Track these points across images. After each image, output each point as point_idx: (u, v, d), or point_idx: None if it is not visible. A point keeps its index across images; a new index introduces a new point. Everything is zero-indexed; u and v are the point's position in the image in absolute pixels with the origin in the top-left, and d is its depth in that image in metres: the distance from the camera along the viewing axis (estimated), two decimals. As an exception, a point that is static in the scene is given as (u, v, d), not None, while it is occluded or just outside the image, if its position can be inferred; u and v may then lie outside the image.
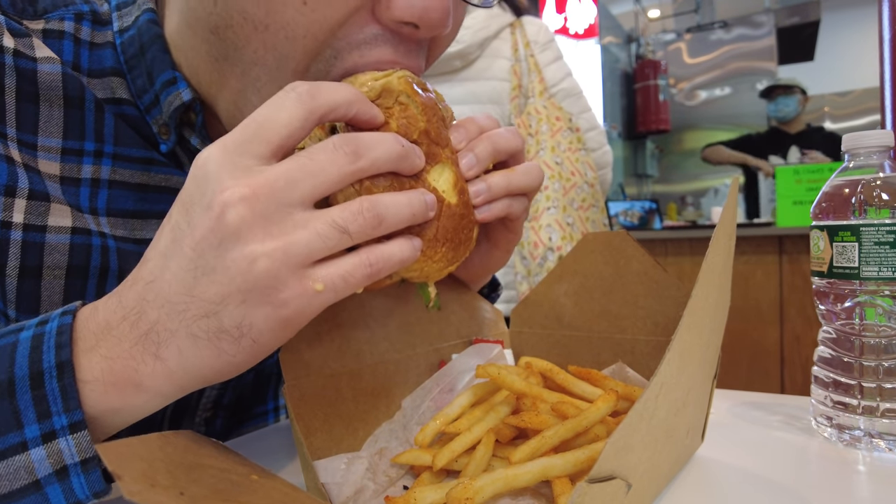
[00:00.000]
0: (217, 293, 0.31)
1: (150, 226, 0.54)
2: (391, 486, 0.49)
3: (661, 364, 0.34)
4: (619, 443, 0.31)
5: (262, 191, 0.31)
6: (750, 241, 2.62)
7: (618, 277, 0.59)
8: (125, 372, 0.33)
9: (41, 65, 0.48)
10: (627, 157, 4.90)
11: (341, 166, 0.33)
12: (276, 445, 0.61)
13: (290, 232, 0.31)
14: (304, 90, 0.34)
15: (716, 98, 4.73)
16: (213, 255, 0.31)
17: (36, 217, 0.46)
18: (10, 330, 0.35)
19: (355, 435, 0.50)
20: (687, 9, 5.02)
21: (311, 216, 0.32)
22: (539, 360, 0.56)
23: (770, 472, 0.49)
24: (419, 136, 0.40)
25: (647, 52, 4.92)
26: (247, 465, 0.34)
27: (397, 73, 0.40)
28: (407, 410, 0.55)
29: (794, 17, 4.71)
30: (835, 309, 0.57)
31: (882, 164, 0.55)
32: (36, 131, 0.48)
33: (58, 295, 0.48)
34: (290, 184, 0.32)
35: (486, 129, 0.47)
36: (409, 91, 0.40)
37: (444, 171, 0.42)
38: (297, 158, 0.33)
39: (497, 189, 0.46)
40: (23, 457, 0.31)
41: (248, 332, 0.32)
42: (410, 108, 0.40)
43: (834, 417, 0.56)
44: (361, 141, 0.34)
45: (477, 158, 0.45)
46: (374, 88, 0.39)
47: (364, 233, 0.34)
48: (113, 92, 0.52)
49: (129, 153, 0.52)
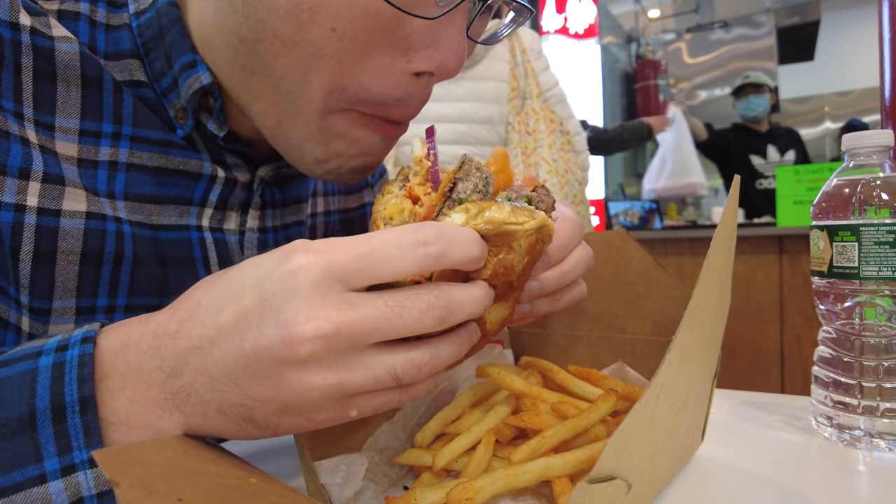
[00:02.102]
0: (260, 395, 0.32)
1: (167, 211, 0.53)
2: (391, 486, 0.49)
3: (662, 364, 0.34)
4: (620, 443, 0.31)
5: (344, 331, 0.30)
6: (750, 241, 2.62)
7: (618, 277, 0.59)
8: (149, 419, 0.33)
9: (59, 44, 0.47)
10: (627, 157, 4.89)
11: (424, 326, 0.32)
12: (276, 446, 0.61)
13: (353, 370, 0.32)
14: (432, 252, 0.32)
15: (716, 98, 4.73)
16: (271, 367, 0.31)
17: (50, 201, 0.45)
18: (26, 353, 0.34)
19: (355, 435, 0.49)
20: (687, 9, 5.02)
21: (376, 359, 0.32)
22: (539, 360, 0.56)
23: (770, 471, 0.49)
24: (502, 283, 0.37)
25: (647, 52, 4.92)
26: (245, 468, 0.34)
27: (528, 224, 0.36)
28: (407, 410, 0.55)
29: (794, 17, 4.71)
30: (835, 309, 0.56)
31: (882, 164, 0.55)
32: (53, 112, 0.47)
33: (72, 281, 0.47)
34: (372, 330, 0.31)
35: (567, 253, 0.48)
36: (525, 246, 0.37)
37: (500, 308, 0.41)
38: (391, 307, 0.31)
39: (537, 313, 0.48)
40: (41, 489, 0.31)
41: (274, 427, 0.34)
42: (514, 259, 0.37)
43: (834, 417, 0.55)
44: (453, 306, 0.33)
45: (540, 291, 0.46)
46: (497, 230, 0.35)
47: (413, 381, 0.34)
48: (131, 74, 0.52)
49: (148, 135, 0.52)
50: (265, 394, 0.31)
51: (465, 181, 0.37)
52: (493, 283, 0.37)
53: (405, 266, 0.31)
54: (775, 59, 4.50)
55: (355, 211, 0.78)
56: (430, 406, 0.57)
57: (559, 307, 0.49)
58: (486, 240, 0.35)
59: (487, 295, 0.35)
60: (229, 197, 0.57)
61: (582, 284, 0.51)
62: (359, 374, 0.32)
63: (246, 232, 0.59)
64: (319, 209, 0.71)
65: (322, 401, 0.32)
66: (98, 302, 0.49)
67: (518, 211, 0.36)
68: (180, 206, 0.54)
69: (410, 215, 0.38)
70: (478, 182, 0.37)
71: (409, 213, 0.38)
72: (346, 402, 0.33)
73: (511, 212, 0.35)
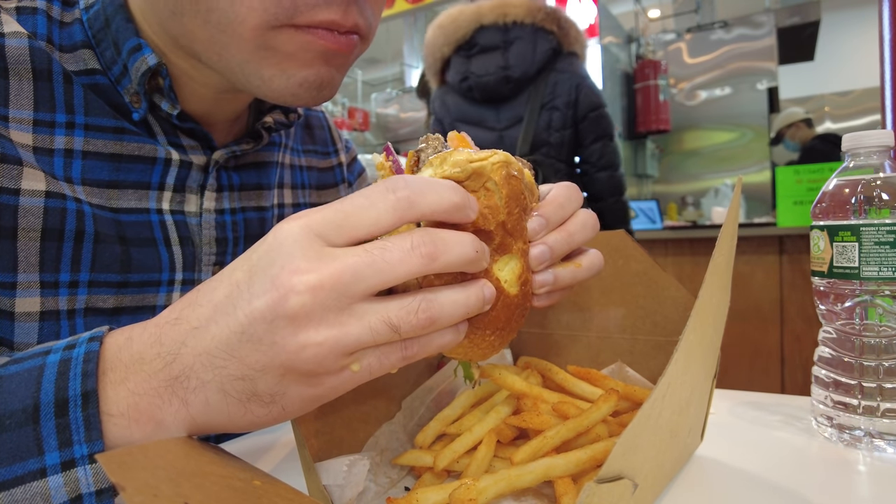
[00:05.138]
0: (259, 362, 0.32)
1: (126, 196, 0.55)
2: (392, 487, 0.49)
3: (669, 364, 0.34)
4: (629, 443, 0.31)
5: (328, 281, 0.31)
6: (750, 241, 2.62)
7: (616, 277, 0.59)
8: (150, 410, 0.33)
9: (8, 39, 0.49)
10: (627, 157, 4.89)
11: (412, 266, 0.32)
12: (276, 447, 0.61)
13: (345, 323, 0.31)
14: (403, 196, 0.32)
15: (716, 98, 4.72)
16: (265, 329, 0.31)
17: (9, 181, 0.47)
18: (37, 352, 0.35)
19: (356, 436, 0.50)
20: (687, 9, 5.01)
21: (368, 309, 0.32)
22: (538, 360, 0.56)
23: (770, 472, 0.49)
24: (496, 227, 0.38)
25: (647, 52, 4.92)
26: (248, 470, 0.34)
27: (493, 157, 0.38)
28: (407, 411, 0.55)
29: (794, 17, 4.71)
30: (835, 309, 0.57)
31: (882, 164, 0.55)
32: (7, 104, 0.49)
33: (34, 256, 0.49)
34: (357, 278, 0.31)
35: (567, 213, 0.45)
36: (498, 180, 0.38)
37: (511, 261, 0.40)
38: (371, 251, 0.32)
39: (563, 282, 0.45)
40: (41, 483, 0.31)
41: (279, 400, 0.33)
42: (494, 197, 0.38)
43: (834, 417, 0.56)
44: (440, 243, 0.33)
45: (550, 253, 0.43)
46: (465, 170, 0.36)
47: (414, 332, 0.33)
48: (85, 64, 0.54)
49: (101, 123, 0.54)
50: (263, 360, 0.31)
51: (425, 151, 0.39)
52: (484, 226, 0.37)
53: (379, 215, 0.32)
54: (775, 59, 4.50)
55: None
56: (431, 406, 0.57)
57: (582, 276, 0.46)
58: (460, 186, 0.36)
59: (473, 242, 0.35)
60: (186, 179, 0.59)
61: (596, 251, 0.48)
62: (353, 327, 0.31)
63: (203, 213, 0.61)
64: (287, 200, 0.73)
65: (320, 359, 0.31)
66: (60, 277, 0.51)
67: (479, 152, 0.38)
68: (139, 190, 0.56)
69: None
70: (437, 146, 0.39)
71: None
72: (346, 359, 0.32)
73: (471, 153, 0.37)
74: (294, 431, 0.42)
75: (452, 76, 2.09)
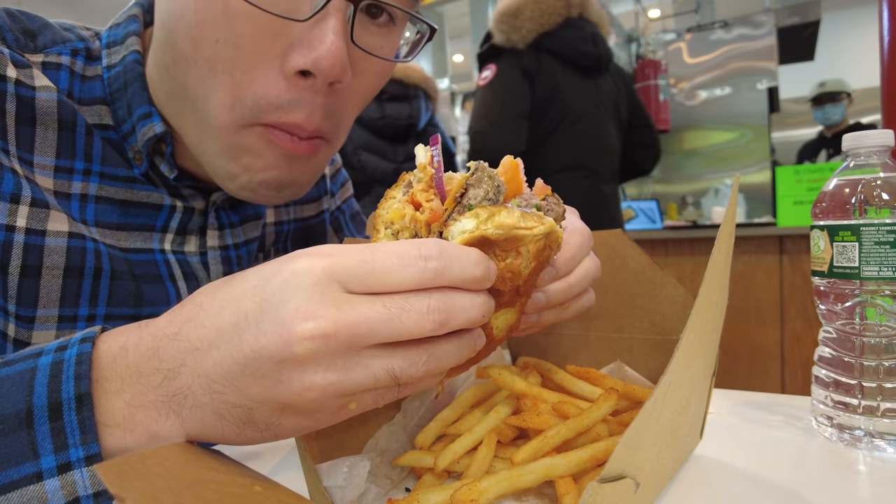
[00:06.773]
0: (259, 395, 0.32)
1: (133, 237, 0.60)
2: (393, 488, 0.49)
3: (670, 363, 0.34)
4: (631, 442, 0.31)
5: (343, 331, 0.30)
6: (750, 241, 2.62)
7: (614, 276, 0.59)
8: (146, 422, 0.33)
9: (39, 93, 0.54)
10: (628, 158, 4.88)
11: (423, 330, 0.32)
12: (276, 448, 0.61)
13: (351, 369, 0.32)
14: (433, 267, 0.32)
15: (716, 98, 4.72)
16: (270, 367, 0.31)
17: (37, 222, 0.51)
18: (28, 354, 0.35)
19: (356, 438, 0.50)
20: (687, 9, 5.01)
21: (374, 359, 0.32)
22: (537, 360, 0.56)
23: (770, 471, 0.49)
24: (509, 289, 0.37)
25: (647, 51, 4.91)
26: (248, 475, 0.34)
27: (538, 229, 0.36)
28: (407, 412, 0.55)
29: (794, 17, 4.71)
30: (835, 308, 0.57)
31: (882, 164, 0.55)
32: (32, 150, 0.53)
33: (55, 292, 0.53)
34: (370, 332, 0.31)
35: (574, 266, 0.47)
36: (533, 251, 0.37)
37: (507, 314, 0.40)
38: (389, 309, 0.31)
39: (544, 322, 0.48)
40: (37, 487, 0.31)
41: (273, 428, 0.33)
42: (521, 265, 0.37)
43: (834, 417, 0.56)
44: (452, 311, 0.33)
45: (546, 302, 0.46)
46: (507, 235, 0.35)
47: (412, 381, 0.34)
48: (101, 118, 0.59)
49: (115, 172, 0.58)
50: (264, 394, 0.31)
51: (476, 188, 0.37)
52: (500, 288, 0.36)
53: (405, 277, 0.32)
54: (775, 59, 4.49)
55: (314, 218, 0.82)
56: (430, 407, 0.57)
57: (567, 317, 0.49)
58: (494, 244, 0.35)
59: (488, 302, 0.35)
60: (188, 223, 0.64)
61: (590, 293, 0.51)
62: (357, 374, 0.32)
63: (208, 251, 0.65)
64: (269, 220, 0.75)
65: (322, 400, 0.32)
66: (80, 311, 0.55)
67: (527, 216, 0.36)
68: (144, 232, 0.61)
69: (412, 221, 0.38)
70: (489, 189, 0.37)
71: (410, 218, 0.38)
72: (345, 399, 0.33)
73: (521, 217, 0.35)
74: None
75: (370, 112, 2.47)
